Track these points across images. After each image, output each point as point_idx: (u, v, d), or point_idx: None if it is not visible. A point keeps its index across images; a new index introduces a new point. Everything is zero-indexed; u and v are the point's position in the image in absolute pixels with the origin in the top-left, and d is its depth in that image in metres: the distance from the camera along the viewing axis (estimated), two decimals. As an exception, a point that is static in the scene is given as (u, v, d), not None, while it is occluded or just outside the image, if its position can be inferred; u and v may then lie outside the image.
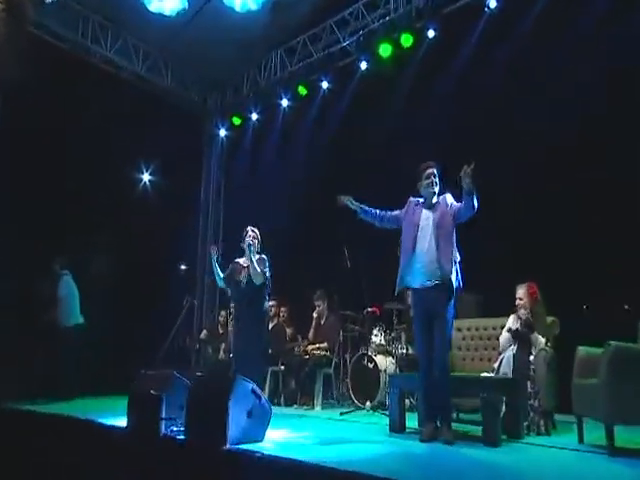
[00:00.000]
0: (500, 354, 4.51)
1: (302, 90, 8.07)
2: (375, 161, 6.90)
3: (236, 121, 9.10)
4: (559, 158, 5.32)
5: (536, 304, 4.50)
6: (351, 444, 3.45)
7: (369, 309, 5.94)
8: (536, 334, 4.38)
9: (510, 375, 4.18)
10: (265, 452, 2.88)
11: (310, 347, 6.15)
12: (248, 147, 9.05)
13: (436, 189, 3.87)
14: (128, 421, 3.68)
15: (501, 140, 5.80)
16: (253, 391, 3.21)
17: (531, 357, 4.31)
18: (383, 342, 5.91)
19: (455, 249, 3.74)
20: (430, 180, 3.86)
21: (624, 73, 5.09)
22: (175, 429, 3.40)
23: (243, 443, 3.10)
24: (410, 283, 3.79)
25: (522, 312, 4.47)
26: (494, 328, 5.01)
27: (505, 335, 4.53)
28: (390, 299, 5.97)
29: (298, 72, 8.02)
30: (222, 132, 9.44)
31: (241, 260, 4.90)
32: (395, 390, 3.96)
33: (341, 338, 6.15)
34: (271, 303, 6.65)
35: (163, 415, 3.40)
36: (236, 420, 3.12)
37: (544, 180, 5.45)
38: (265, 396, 3.36)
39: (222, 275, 4.84)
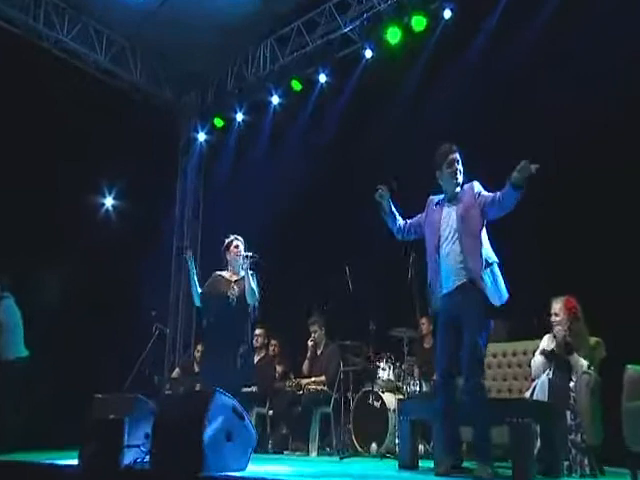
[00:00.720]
0: (533, 381, 4.50)
1: (296, 85, 8.28)
2: (381, 166, 7.02)
3: (218, 123, 9.28)
4: (604, 150, 5.43)
5: (576, 321, 4.52)
6: (354, 479, 3.42)
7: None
8: (576, 356, 4.39)
9: (545, 403, 4.17)
10: (251, 476, 2.86)
11: (304, 381, 6.12)
12: (232, 154, 9.22)
13: (460, 179, 3.82)
14: (81, 455, 3.65)
15: (530, 136, 5.93)
16: (234, 409, 3.20)
17: (571, 383, 4.31)
18: (392, 377, 5.90)
19: (487, 247, 3.70)
20: (454, 169, 3.80)
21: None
22: (139, 459, 3.37)
23: (221, 472, 3.08)
24: (437, 294, 3.75)
25: (558, 330, 4.50)
26: (524, 353, 5.03)
27: (539, 358, 4.54)
28: (396, 326, 6.08)
29: (291, 64, 8.24)
30: (201, 136, 9.62)
31: (224, 273, 4.92)
32: (406, 418, 3.94)
33: (341, 373, 6.12)
34: (257, 332, 6.66)
35: (125, 443, 3.37)
36: (213, 444, 3.10)
37: (582, 176, 5.53)
38: (249, 417, 3.35)
39: (200, 290, 4.84)
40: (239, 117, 9.03)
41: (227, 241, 4.98)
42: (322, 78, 8.09)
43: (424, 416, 4.03)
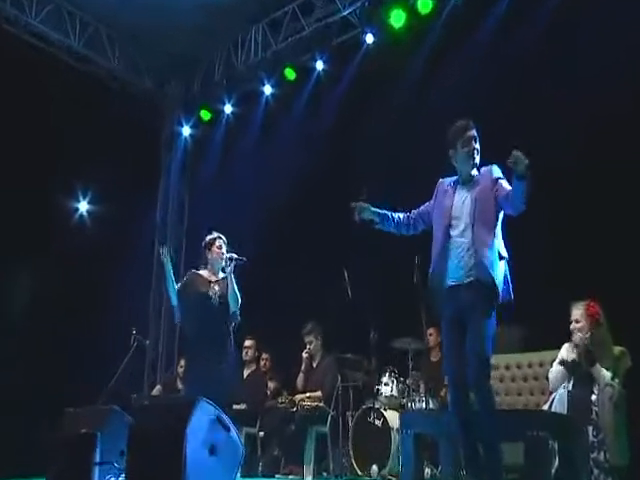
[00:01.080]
0: (551, 395, 4.48)
1: (290, 74, 8.29)
2: (383, 160, 7.05)
3: (205, 115, 9.29)
4: (622, 140, 5.43)
5: (598, 328, 4.52)
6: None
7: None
8: (599, 367, 4.38)
9: (565, 417, 4.15)
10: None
11: (298, 397, 6.10)
12: (220, 150, 9.21)
13: (477, 159, 3.73)
14: (48, 474, 3.62)
15: (546, 124, 5.94)
16: (219, 420, 3.17)
17: (593, 396, 4.29)
18: (395, 393, 5.88)
19: (499, 238, 3.65)
20: (470, 148, 3.70)
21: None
22: (113, 477, 3.35)
23: (204, 491, 3.05)
24: (441, 283, 3.68)
25: (579, 338, 4.48)
26: (541, 364, 5.03)
27: (557, 369, 4.52)
28: (400, 336, 6.06)
29: (285, 51, 8.25)
30: (186, 130, 9.61)
31: (202, 272, 4.91)
32: (408, 431, 3.90)
33: (340, 389, 6.09)
34: (247, 344, 6.64)
35: (97, 459, 3.35)
36: (196, 459, 3.07)
37: (598, 168, 5.53)
38: (235, 430, 3.32)
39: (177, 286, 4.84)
40: (227, 109, 9.03)
41: (209, 238, 4.98)
42: (319, 66, 8.10)
43: (430, 430, 3.99)
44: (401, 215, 4.03)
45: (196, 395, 3.70)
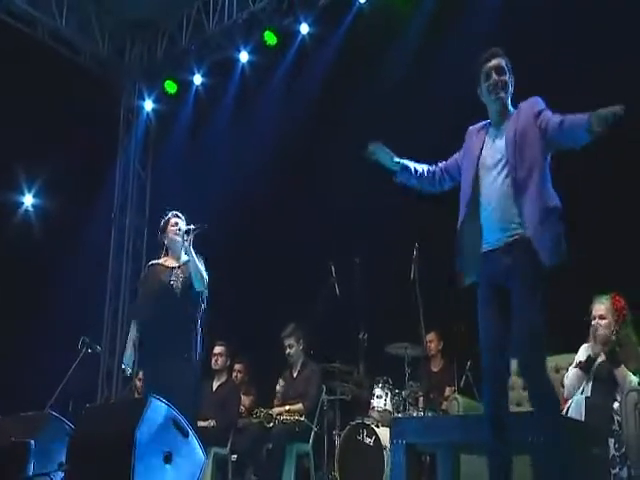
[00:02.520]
0: (566, 402, 4.51)
1: (270, 38, 8.33)
2: (375, 136, 7.04)
3: (170, 87, 9.32)
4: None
5: (625, 326, 4.55)
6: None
7: None
8: (624, 369, 4.40)
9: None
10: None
11: (276, 410, 6.09)
12: (188, 126, 9.25)
13: (503, 94, 3.55)
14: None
15: (562, 98, 5.99)
16: (175, 422, 3.17)
17: (615, 404, 4.32)
18: (389, 407, 5.88)
19: (547, 185, 3.42)
20: (491, 81, 3.56)
21: None
22: (50, 493, 3.34)
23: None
24: (473, 249, 3.51)
25: (604, 335, 4.48)
26: (557, 370, 5.02)
27: (574, 372, 4.54)
28: (396, 341, 6.08)
29: (265, 12, 8.28)
30: (148, 104, 9.64)
31: (160, 260, 4.93)
32: (400, 441, 3.89)
33: (325, 402, 6.11)
34: (217, 350, 6.63)
35: (31, 471, 3.34)
36: (147, 468, 3.07)
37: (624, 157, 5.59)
38: (194, 434, 3.32)
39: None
40: (197, 79, 9.06)
41: (163, 221, 4.99)
42: (303, 29, 8.17)
43: (426, 439, 3.97)
44: (425, 167, 3.88)
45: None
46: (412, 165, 3.83)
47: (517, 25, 6.36)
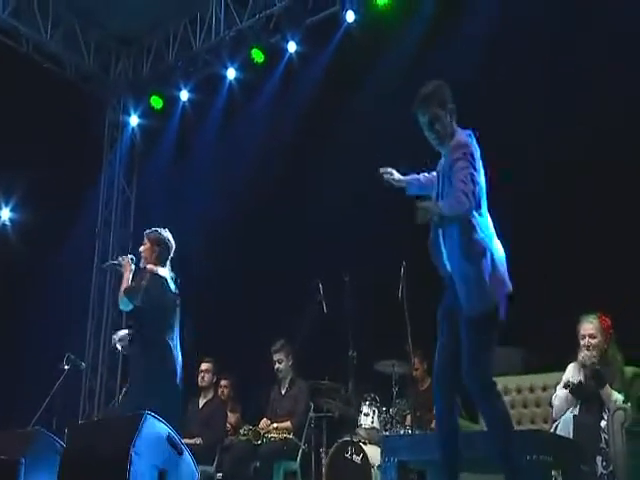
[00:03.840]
0: (555, 421, 4.58)
1: (258, 55, 8.36)
2: (364, 153, 7.11)
3: (156, 103, 9.33)
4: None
5: (611, 345, 4.64)
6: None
7: None
8: (609, 389, 4.48)
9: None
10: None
11: (263, 427, 6.09)
12: (174, 142, 9.26)
13: (438, 142, 3.67)
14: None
15: (553, 116, 6.12)
16: (170, 439, 3.20)
17: (602, 422, 4.39)
18: (377, 425, 5.90)
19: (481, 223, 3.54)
20: (427, 135, 3.70)
21: None
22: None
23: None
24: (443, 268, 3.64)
25: (590, 356, 4.56)
26: (544, 389, 5.13)
27: (562, 392, 4.61)
28: (383, 358, 6.12)
29: (252, 29, 8.33)
30: (133, 120, 9.64)
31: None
32: (391, 459, 3.93)
33: (312, 419, 6.12)
34: (204, 367, 6.64)
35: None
36: (141, 485, 3.08)
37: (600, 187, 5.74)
38: (189, 452, 3.35)
39: None
40: (184, 96, 9.09)
41: None
42: (291, 47, 8.20)
43: (417, 456, 4.01)
44: (428, 175, 3.98)
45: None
46: (417, 178, 3.96)
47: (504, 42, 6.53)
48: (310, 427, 6.02)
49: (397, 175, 3.91)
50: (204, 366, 6.65)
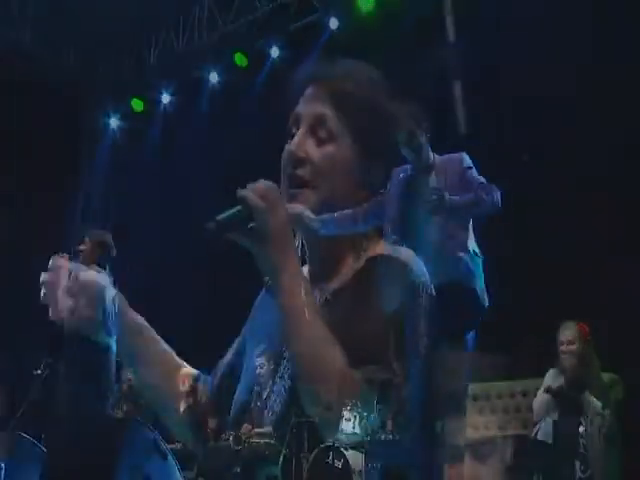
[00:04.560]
0: (535, 426, 4.66)
1: (240, 60, 8.41)
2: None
3: (137, 105, 9.32)
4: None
5: (590, 352, 4.75)
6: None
7: None
8: (588, 395, 4.58)
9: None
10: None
11: (245, 432, 6.11)
12: (153, 145, 9.26)
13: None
14: None
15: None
16: (156, 444, 3.21)
17: (581, 427, 4.49)
18: (358, 430, 5.86)
19: None
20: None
21: None
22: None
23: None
24: None
25: (571, 362, 4.67)
26: (524, 394, 5.22)
27: (543, 397, 4.71)
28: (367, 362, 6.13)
29: (235, 33, 8.40)
30: (114, 122, 9.63)
31: None
32: (375, 465, 3.95)
33: (294, 424, 6.15)
34: (183, 371, 6.66)
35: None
36: (128, 490, 3.09)
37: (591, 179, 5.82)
38: (173, 458, 3.36)
39: None
40: (165, 99, 9.09)
41: None
42: (274, 52, 8.25)
43: (399, 460, 4.04)
44: None
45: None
46: None
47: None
48: (291, 432, 6.06)
49: None
50: (183, 370, 6.66)
